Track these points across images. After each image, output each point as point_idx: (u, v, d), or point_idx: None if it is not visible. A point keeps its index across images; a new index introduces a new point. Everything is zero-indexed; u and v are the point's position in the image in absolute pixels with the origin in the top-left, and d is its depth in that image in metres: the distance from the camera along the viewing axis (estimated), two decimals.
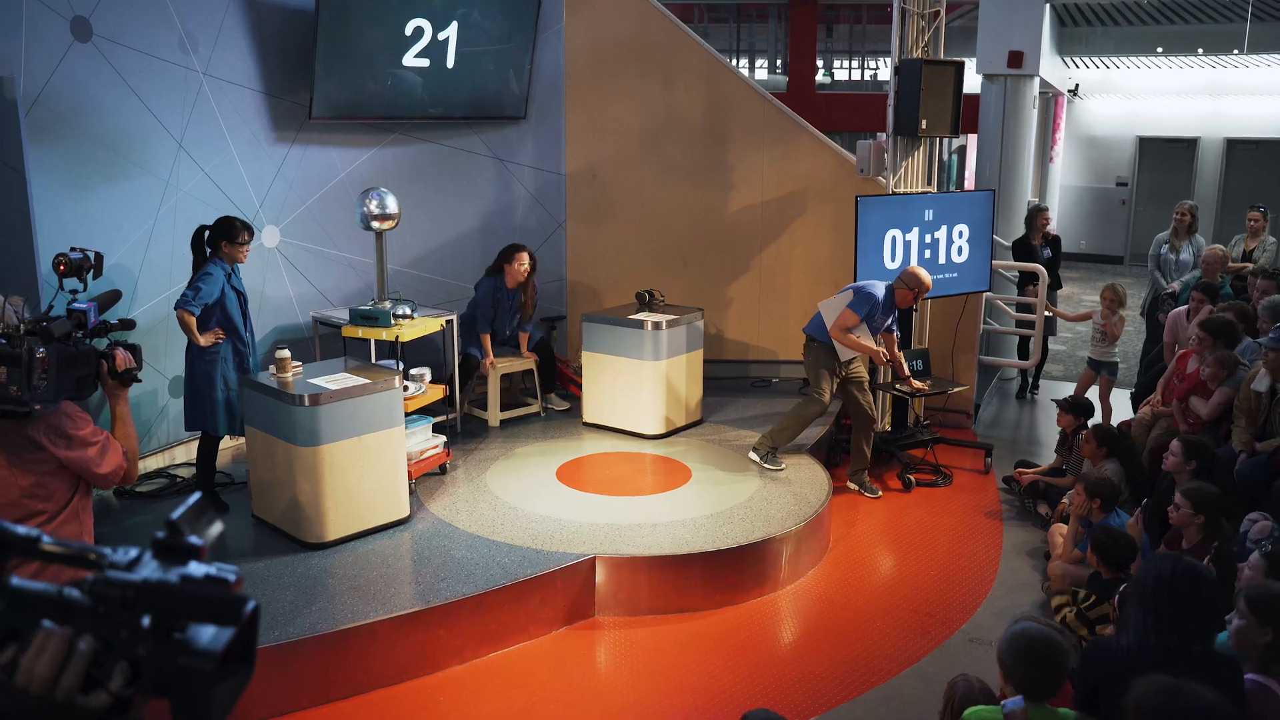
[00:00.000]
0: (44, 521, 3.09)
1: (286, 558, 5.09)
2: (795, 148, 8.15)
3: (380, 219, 6.25)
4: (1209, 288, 7.16)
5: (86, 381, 3.05)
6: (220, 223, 5.51)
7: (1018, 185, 11.16)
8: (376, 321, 6.17)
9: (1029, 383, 9.42)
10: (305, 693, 4.36)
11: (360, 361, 5.86)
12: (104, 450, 3.13)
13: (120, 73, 5.73)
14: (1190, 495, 4.48)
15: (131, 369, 3.20)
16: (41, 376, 2.80)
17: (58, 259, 3.52)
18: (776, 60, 21.90)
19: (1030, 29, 11.09)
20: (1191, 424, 6.01)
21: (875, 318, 6.41)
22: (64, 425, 3.05)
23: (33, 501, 3.06)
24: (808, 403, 6.47)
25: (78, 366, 2.98)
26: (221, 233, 5.47)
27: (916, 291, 6.42)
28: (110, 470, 3.16)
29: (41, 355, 2.80)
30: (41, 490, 3.06)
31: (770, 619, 5.27)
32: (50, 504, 3.09)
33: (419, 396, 6.09)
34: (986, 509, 6.70)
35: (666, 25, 8.08)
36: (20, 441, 3.00)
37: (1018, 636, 2.89)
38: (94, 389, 3.10)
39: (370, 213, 6.23)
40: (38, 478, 3.04)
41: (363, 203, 6.25)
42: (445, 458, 6.19)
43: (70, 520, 3.16)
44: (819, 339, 6.44)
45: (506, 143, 7.98)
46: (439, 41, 7.03)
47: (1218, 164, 16.90)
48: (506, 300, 7.18)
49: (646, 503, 5.89)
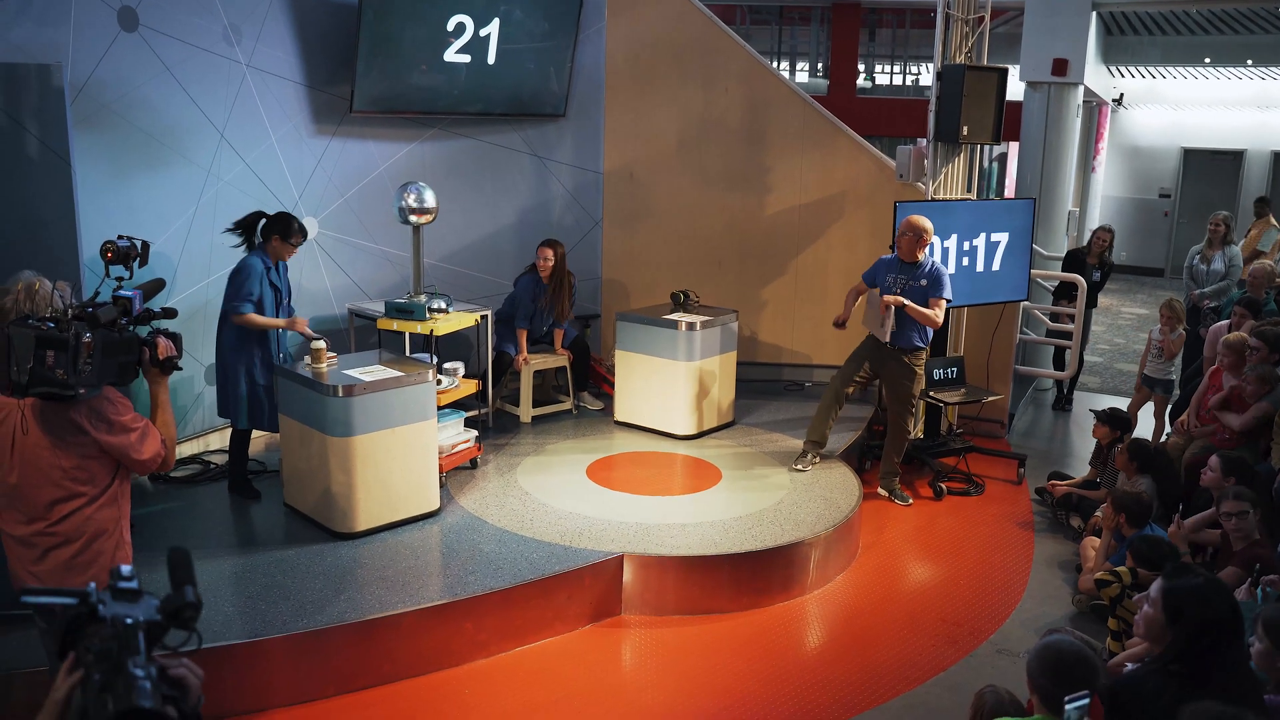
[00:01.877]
0: (85, 504, 3.14)
1: (317, 547, 5.13)
2: (834, 152, 8.10)
3: (418, 213, 6.24)
4: (1252, 303, 7.05)
5: (129, 368, 3.11)
6: (280, 216, 5.56)
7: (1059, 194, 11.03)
8: (411, 315, 6.20)
9: (1064, 394, 9.33)
10: (331, 682, 4.39)
11: (395, 354, 5.90)
12: (144, 436, 3.18)
13: (165, 63, 5.79)
14: (1245, 498, 4.42)
15: (172, 357, 3.24)
16: (87, 361, 2.85)
17: (105, 246, 3.58)
18: (818, 63, 21.81)
19: (1076, 37, 10.95)
20: (1225, 439, 5.92)
21: (880, 276, 6.40)
22: (106, 410, 3.09)
23: (74, 484, 3.11)
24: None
25: (121, 353, 3.03)
26: (277, 227, 5.51)
27: (913, 234, 6.28)
28: (149, 456, 3.20)
29: (88, 340, 2.84)
30: (83, 473, 3.11)
31: (796, 623, 5.25)
32: (91, 487, 3.14)
33: (451, 390, 6.11)
34: (1018, 520, 6.63)
35: (708, 26, 8.06)
36: (64, 424, 3.05)
37: (1047, 649, 2.85)
38: (135, 375, 3.16)
39: (408, 206, 6.21)
40: (79, 460, 3.09)
41: (401, 196, 6.24)
42: (476, 452, 6.21)
43: (109, 504, 3.21)
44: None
45: (545, 140, 7.99)
46: (480, 38, 7.05)
47: (1264, 177, 16.64)
48: (541, 296, 7.19)
49: (676, 503, 5.88)
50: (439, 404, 5.80)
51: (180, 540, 5.16)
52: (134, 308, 3.22)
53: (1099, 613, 5.05)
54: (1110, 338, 12.76)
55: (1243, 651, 3.03)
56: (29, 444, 3.04)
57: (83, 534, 3.15)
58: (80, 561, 3.15)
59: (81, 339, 2.85)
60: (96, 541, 3.18)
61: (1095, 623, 5.05)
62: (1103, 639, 4.58)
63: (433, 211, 6.32)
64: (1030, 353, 9.46)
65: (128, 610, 1.44)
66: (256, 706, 4.26)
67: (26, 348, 2.80)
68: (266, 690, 4.30)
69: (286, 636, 4.31)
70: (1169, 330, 7.61)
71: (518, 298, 7.14)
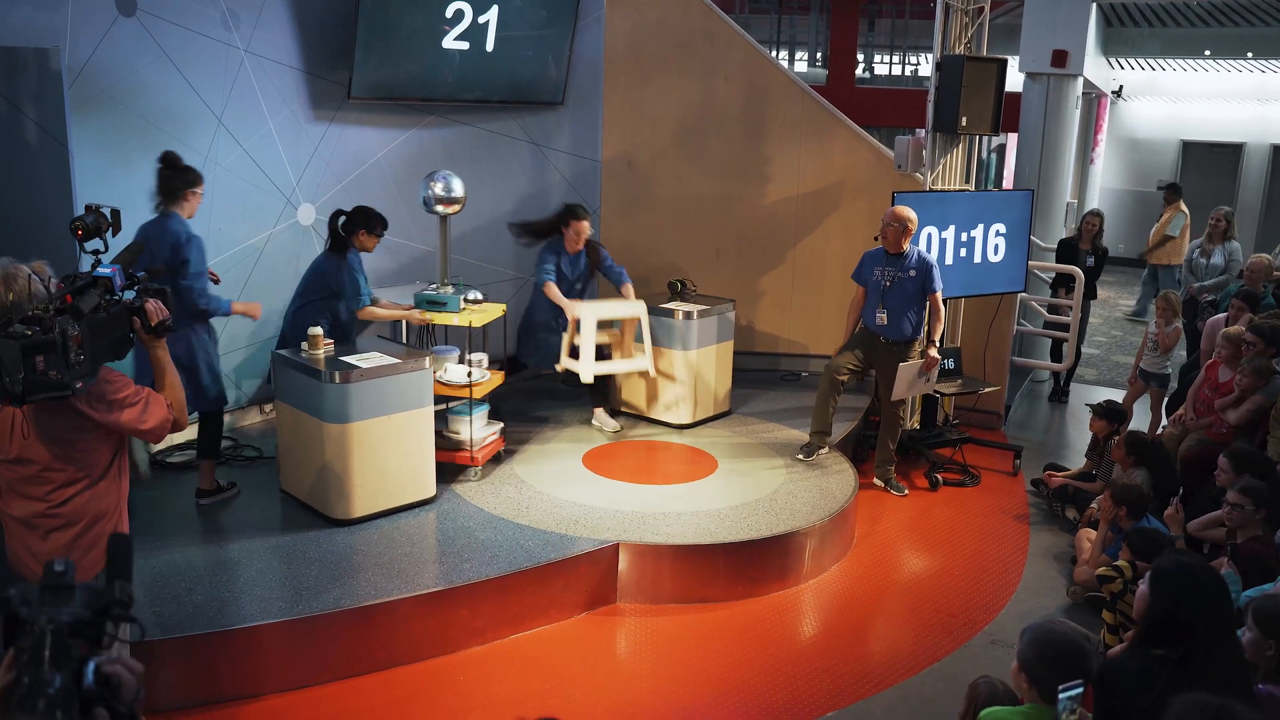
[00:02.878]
0: (86, 486, 3.12)
1: (313, 533, 5.13)
2: (833, 142, 8.09)
3: (446, 202, 6.01)
4: (1250, 295, 7.06)
5: (123, 341, 3.07)
6: (362, 212, 5.81)
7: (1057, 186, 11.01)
8: (445, 306, 5.99)
9: (1061, 385, 9.34)
10: (326, 668, 4.40)
11: (394, 342, 5.89)
12: (146, 407, 3.14)
13: (163, 48, 5.77)
14: (1250, 492, 4.43)
15: (164, 319, 3.17)
16: (79, 354, 2.79)
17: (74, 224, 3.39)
18: (817, 53, 21.78)
19: (1076, 28, 10.92)
20: (1222, 433, 5.94)
21: (866, 271, 6.44)
22: (105, 391, 3.06)
23: (76, 469, 3.10)
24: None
25: (111, 331, 2.99)
26: (365, 222, 5.77)
27: (899, 225, 6.28)
28: (156, 424, 3.17)
29: (75, 334, 2.77)
30: (86, 457, 3.10)
31: (791, 612, 5.26)
32: (93, 469, 3.13)
33: (484, 383, 5.98)
34: (1014, 511, 6.65)
35: (707, 15, 8.04)
36: (66, 416, 3.02)
37: (1043, 638, 2.85)
38: (130, 346, 3.11)
39: (435, 195, 5.99)
40: (81, 447, 3.08)
41: (427, 185, 6.02)
42: (500, 445, 6.17)
43: (111, 484, 3.20)
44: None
45: (543, 128, 7.97)
46: (479, 25, 7.03)
47: (1263, 170, 16.64)
48: (570, 268, 6.81)
49: (672, 492, 5.89)
50: (477, 396, 5.81)
51: (176, 525, 5.16)
52: (115, 285, 3.09)
53: (1094, 604, 5.07)
54: (1107, 330, 12.77)
55: (1232, 640, 3.04)
56: (31, 439, 3.03)
57: (84, 516, 3.13)
58: (82, 543, 3.14)
59: (68, 335, 2.76)
60: (99, 524, 3.17)
61: (1090, 614, 5.06)
62: (1097, 631, 4.59)
63: (460, 201, 6.08)
64: (1027, 344, 9.47)
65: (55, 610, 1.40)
66: (252, 692, 4.27)
67: (14, 359, 2.70)
68: (262, 676, 4.31)
69: (282, 622, 4.32)
70: (1164, 323, 7.62)
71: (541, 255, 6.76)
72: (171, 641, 4.12)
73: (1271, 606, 3.16)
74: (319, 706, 4.26)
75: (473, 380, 5.85)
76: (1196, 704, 2.37)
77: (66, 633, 1.38)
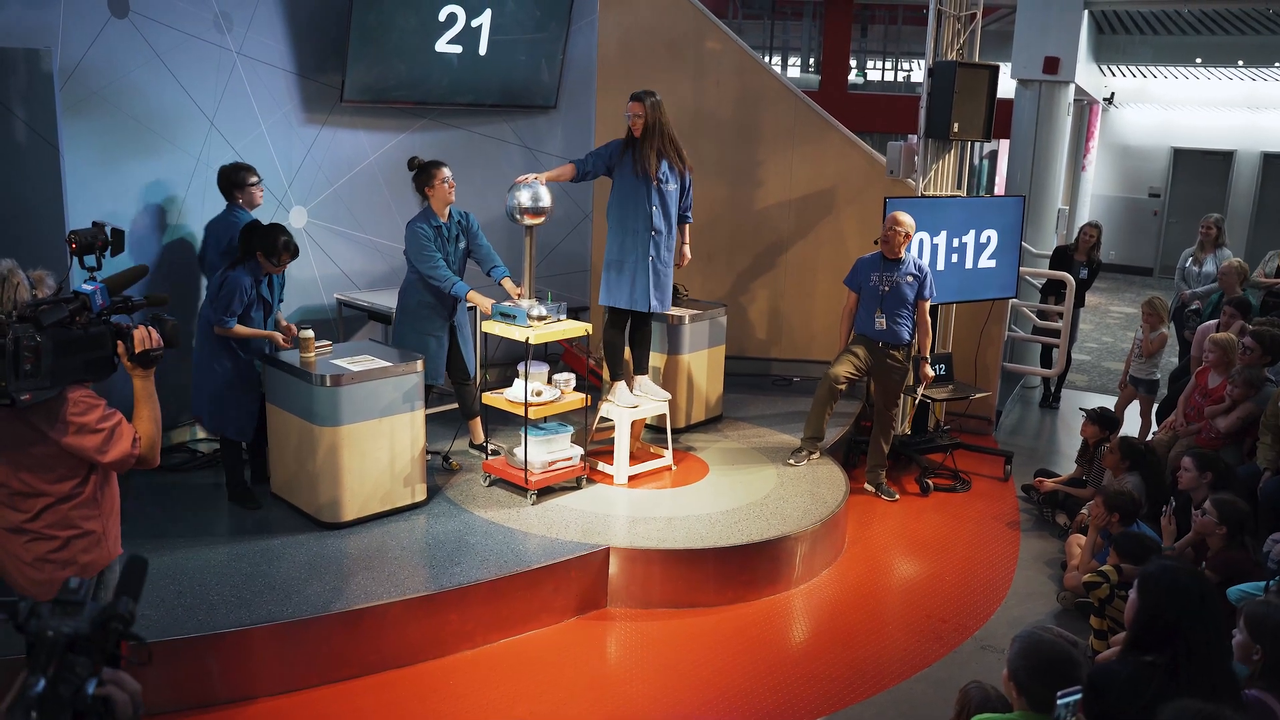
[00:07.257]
0: (55, 502, 3.03)
1: (302, 536, 5.12)
2: (825, 147, 8.11)
3: (533, 214, 5.63)
4: (1242, 303, 7.09)
5: (98, 364, 2.92)
6: (266, 230, 5.24)
7: (1049, 193, 11.06)
8: (514, 320, 5.64)
9: (1051, 391, 9.36)
10: (315, 671, 4.39)
11: (385, 345, 5.88)
12: (110, 437, 2.99)
13: (155, 49, 5.76)
14: (1219, 505, 4.46)
15: (151, 349, 2.99)
16: (33, 365, 2.69)
17: (70, 236, 3.31)
18: (810, 59, 21.83)
19: (1067, 35, 10.98)
20: (1212, 438, 5.96)
21: (862, 277, 6.44)
22: (64, 411, 2.93)
23: (41, 483, 2.99)
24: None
25: (85, 349, 2.85)
26: (262, 243, 5.20)
27: (903, 232, 6.29)
28: (116, 458, 3.02)
29: (36, 343, 2.68)
30: (49, 474, 2.99)
31: (782, 617, 5.26)
32: (60, 486, 3.02)
33: (554, 403, 5.72)
34: (1004, 517, 6.66)
35: (700, 20, 8.05)
36: (15, 428, 2.92)
37: (1031, 647, 2.85)
38: (111, 369, 2.96)
39: (521, 205, 5.61)
40: (41, 460, 2.97)
41: (513, 195, 5.64)
42: (580, 470, 5.89)
43: (87, 504, 3.09)
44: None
45: (535, 131, 7.97)
46: (472, 28, 7.03)
47: (1253, 178, 16.71)
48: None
49: (662, 496, 5.89)
50: (543, 415, 5.62)
51: (167, 529, 5.15)
52: (94, 303, 2.92)
53: (1084, 610, 5.08)
54: (1098, 336, 12.80)
55: (1222, 645, 3.05)
56: None
57: (60, 531, 3.05)
58: (57, 558, 3.06)
59: (22, 342, 2.65)
60: (74, 544, 3.07)
61: (1079, 620, 5.07)
62: (1086, 637, 4.60)
63: (546, 211, 5.69)
64: (1018, 350, 9.50)
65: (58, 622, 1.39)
66: (242, 695, 4.25)
67: None
68: (252, 679, 4.30)
69: (272, 626, 4.31)
70: (1149, 329, 7.65)
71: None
72: (160, 644, 4.10)
73: (1262, 610, 3.17)
74: (308, 710, 4.25)
75: (529, 400, 5.54)
76: (1186, 710, 2.38)
77: (65, 644, 1.37)
